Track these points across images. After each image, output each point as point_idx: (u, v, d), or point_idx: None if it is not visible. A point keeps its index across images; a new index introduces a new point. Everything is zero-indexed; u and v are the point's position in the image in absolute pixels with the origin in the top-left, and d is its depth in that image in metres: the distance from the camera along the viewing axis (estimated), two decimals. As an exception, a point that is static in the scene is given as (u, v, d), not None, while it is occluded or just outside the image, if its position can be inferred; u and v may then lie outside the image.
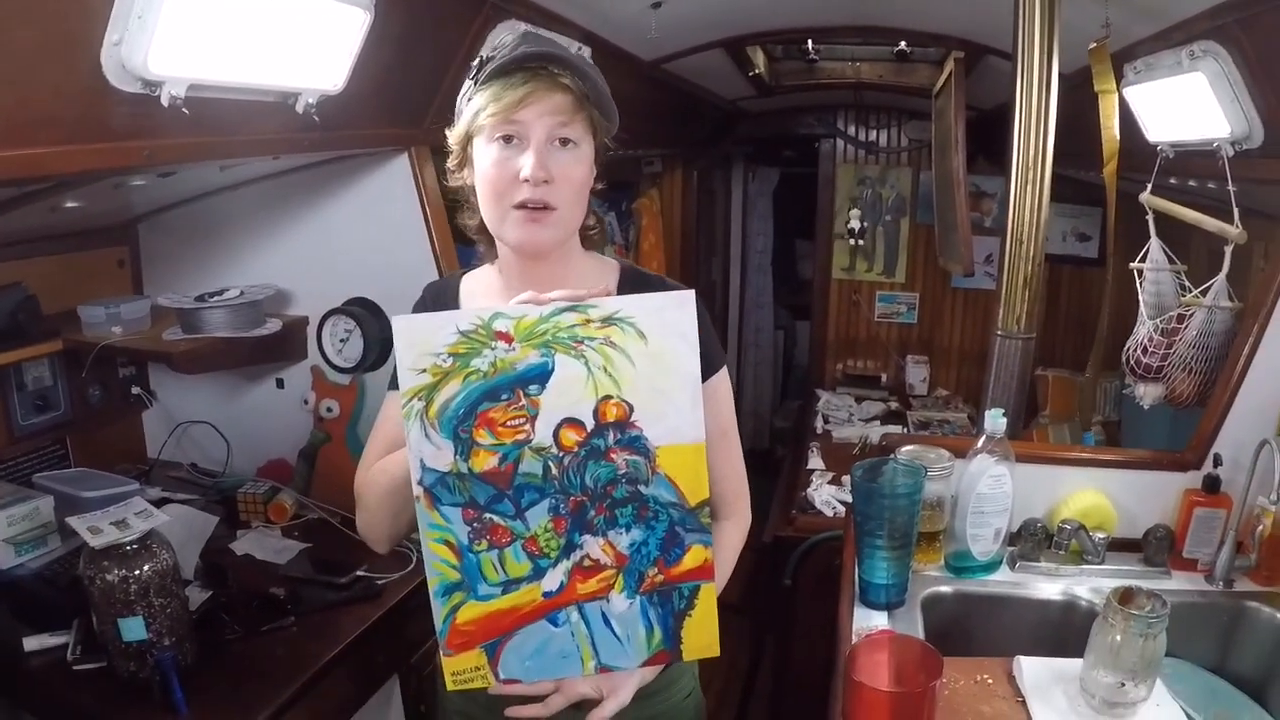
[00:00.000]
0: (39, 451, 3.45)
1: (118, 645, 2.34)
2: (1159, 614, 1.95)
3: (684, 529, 1.73)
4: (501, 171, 1.78)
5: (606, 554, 1.73)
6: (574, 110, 1.78)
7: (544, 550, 1.72)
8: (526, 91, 1.73)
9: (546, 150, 1.77)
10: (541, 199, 1.79)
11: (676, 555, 1.75)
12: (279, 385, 3.66)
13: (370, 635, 2.66)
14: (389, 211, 3.19)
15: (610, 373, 1.67)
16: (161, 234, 3.74)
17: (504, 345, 1.65)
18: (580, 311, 1.66)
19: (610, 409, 1.68)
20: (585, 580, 1.74)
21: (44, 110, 1.82)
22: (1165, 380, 2.97)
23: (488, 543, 1.70)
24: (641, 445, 1.70)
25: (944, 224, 5.42)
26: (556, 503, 1.70)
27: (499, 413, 1.66)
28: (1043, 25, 2.73)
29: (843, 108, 6.80)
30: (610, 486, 1.71)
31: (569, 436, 1.68)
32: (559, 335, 1.65)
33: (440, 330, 1.64)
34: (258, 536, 3.23)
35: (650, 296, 1.70)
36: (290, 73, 2.27)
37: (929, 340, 6.96)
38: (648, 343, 1.66)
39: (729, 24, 4.07)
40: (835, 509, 4.46)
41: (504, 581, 1.72)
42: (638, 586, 1.75)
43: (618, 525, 1.72)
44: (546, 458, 1.69)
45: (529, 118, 1.75)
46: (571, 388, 1.67)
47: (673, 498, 1.72)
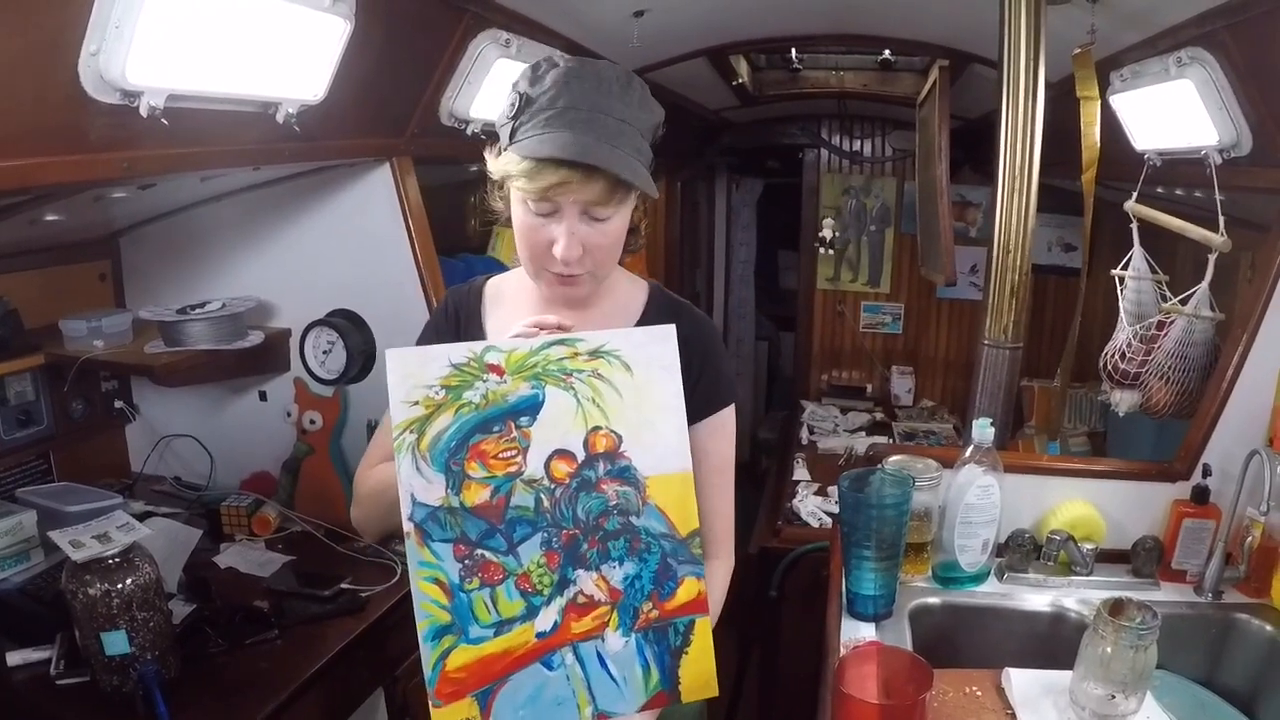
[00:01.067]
0: (21, 466, 3.43)
1: (100, 659, 2.32)
2: (1150, 626, 1.94)
3: (676, 560, 1.74)
4: (535, 238, 1.78)
5: (600, 589, 1.72)
6: (609, 195, 1.72)
7: (537, 587, 1.71)
8: (558, 181, 1.68)
9: (580, 225, 1.75)
10: (572, 271, 1.79)
11: (670, 589, 1.74)
12: (262, 398, 3.65)
13: (354, 648, 2.64)
14: (371, 222, 3.18)
15: (599, 404, 1.70)
16: (143, 247, 3.72)
17: (495, 377, 1.68)
18: (569, 345, 1.71)
19: (600, 440, 1.71)
20: (579, 618, 1.73)
21: (21, 121, 1.81)
22: (1141, 388, 2.96)
23: (479, 580, 1.69)
24: (631, 475, 1.72)
25: (927, 234, 5.42)
26: (549, 536, 1.70)
27: (491, 444, 1.68)
28: (1029, 33, 2.73)
29: (827, 117, 6.79)
30: (602, 518, 1.71)
31: (560, 468, 1.70)
32: (549, 368, 1.69)
33: (433, 363, 1.68)
34: (241, 549, 3.20)
35: (634, 331, 1.78)
36: (270, 82, 2.26)
37: (914, 351, 6.94)
38: (634, 375, 1.71)
39: (712, 33, 4.06)
40: (821, 520, 4.46)
41: (496, 622, 1.70)
42: (633, 623, 1.74)
43: (610, 559, 1.72)
44: (539, 490, 1.70)
45: (562, 201, 1.72)
46: (562, 419, 1.70)
47: (664, 528, 1.73)
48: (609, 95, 1.70)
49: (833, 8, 3.84)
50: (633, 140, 1.73)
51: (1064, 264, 6.15)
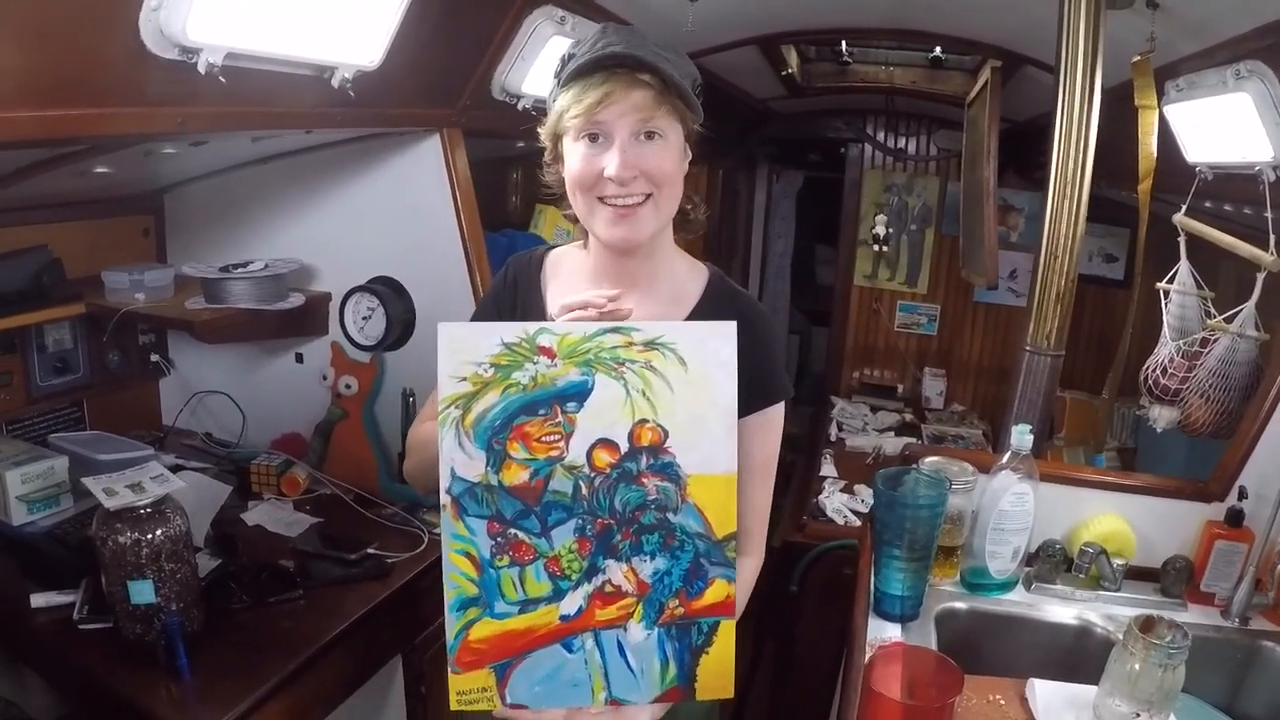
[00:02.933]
0: (55, 413, 3.47)
1: (125, 607, 2.33)
2: (1180, 645, 1.92)
3: (709, 561, 1.73)
4: (588, 168, 1.79)
5: (628, 581, 1.73)
6: (655, 105, 1.76)
7: (566, 571, 1.71)
8: (605, 92, 1.73)
9: (631, 146, 1.78)
10: (630, 193, 1.79)
11: (699, 588, 1.74)
12: (298, 360, 3.66)
13: (377, 613, 2.65)
14: (418, 192, 3.18)
15: (649, 396, 1.68)
16: (187, 205, 3.74)
17: (546, 360, 1.67)
18: (624, 333, 1.68)
19: (645, 433, 1.69)
20: (605, 606, 1.73)
21: (79, 72, 1.82)
22: (1181, 405, 2.93)
23: (509, 559, 1.69)
24: (673, 472, 1.70)
25: (970, 235, 5.38)
26: (583, 524, 1.70)
27: (535, 427, 1.68)
28: (1087, 38, 2.70)
29: (873, 113, 6.76)
30: (639, 511, 1.71)
31: (602, 457, 1.69)
32: (601, 355, 1.68)
33: (484, 340, 1.67)
34: (269, 508, 3.23)
35: (693, 326, 1.75)
36: (328, 46, 2.26)
37: (948, 353, 6.90)
38: (688, 370, 1.69)
39: (766, 20, 4.05)
40: (847, 518, 4.45)
41: (522, 600, 1.71)
42: (657, 617, 1.74)
43: (642, 552, 1.72)
44: (578, 477, 1.69)
45: (610, 117, 1.75)
46: (609, 408, 1.68)
47: (700, 528, 1.72)
48: (645, 39, 1.77)
49: (889, 2, 3.82)
50: (674, 67, 1.77)
51: (1104, 274, 6.08)
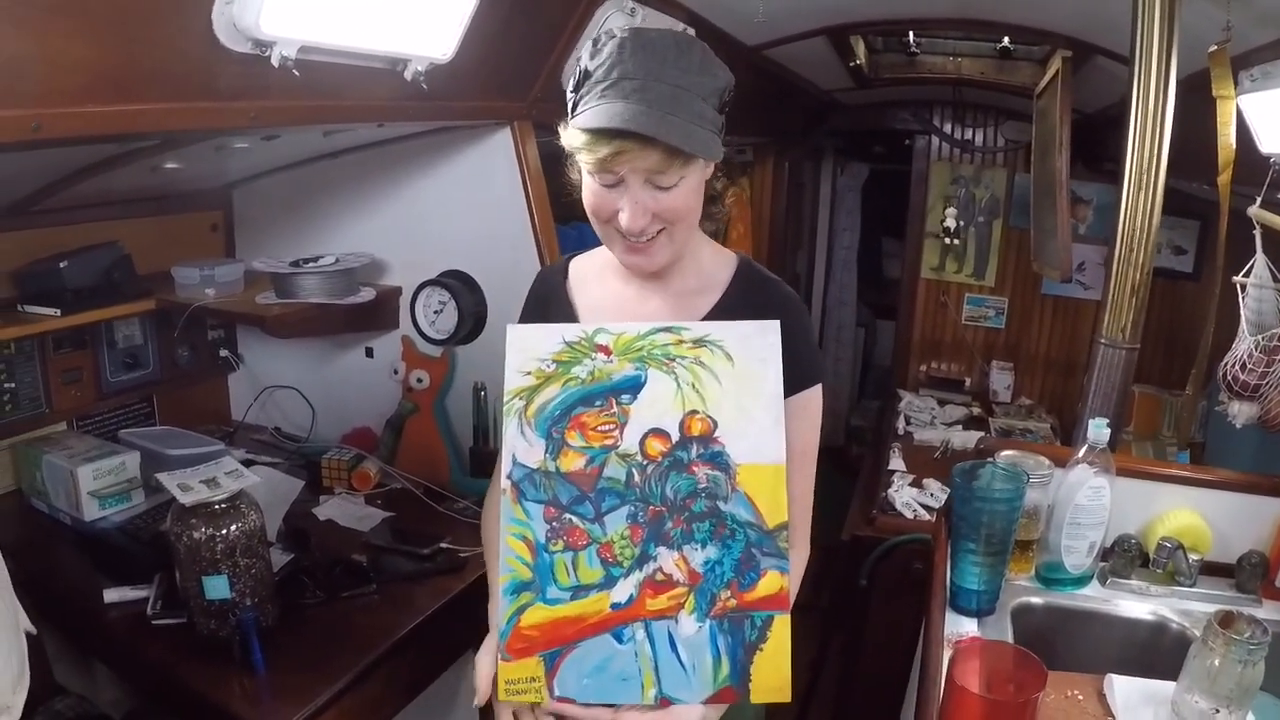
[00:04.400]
0: (125, 408, 3.53)
1: (200, 603, 2.36)
2: (1259, 641, 1.89)
3: (760, 551, 1.76)
4: (602, 204, 1.81)
5: (680, 569, 1.75)
6: (668, 162, 1.72)
7: (618, 558, 1.75)
8: (617, 150, 1.70)
9: (645, 192, 1.77)
10: (644, 234, 1.80)
11: (751, 579, 1.76)
12: (368, 354, 3.69)
13: (450, 608, 2.66)
14: (489, 185, 3.18)
15: (698, 389, 1.77)
16: (255, 200, 3.79)
17: (603, 357, 1.79)
18: (674, 332, 1.81)
19: (695, 423, 1.77)
20: (656, 595, 1.76)
21: (153, 66, 1.84)
22: (1261, 400, 2.89)
23: (564, 544, 1.75)
24: (723, 461, 1.76)
25: (1041, 228, 5.33)
26: (636, 510, 1.76)
27: (591, 417, 1.77)
28: (1162, 27, 2.66)
29: (939, 104, 6.70)
30: (690, 499, 1.75)
31: (654, 446, 1.76)
32: (653, 351, 1.79)
33: (548, 339, 1.81)
34: (340, 503, 3.25)
35: (739, 325, 1.81)
36: (401, 39, 2.26)
37: (1015, 346, 6.83)
38: (734, 364, 1.78)
39: (835, 10, 4.02)
40: (916, 511, 4.42)
41: (574, 586, 1.75)
42: (709, 609, 1.75)
43: (694, 540, 1.76)
44: (631, 464, 1.76)
45: (622, 170, 1.74)
46: (660, 400, 1.78)
47: (750, 517, 1.76)
48: (664, 62, 1.70)
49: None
50: (690, 105, 1.72)
51: (1173, 267, 6.00)
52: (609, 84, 1.70)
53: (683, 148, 1.70)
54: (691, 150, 1.72)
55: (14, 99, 1.62)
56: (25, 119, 1.65)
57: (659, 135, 1.66)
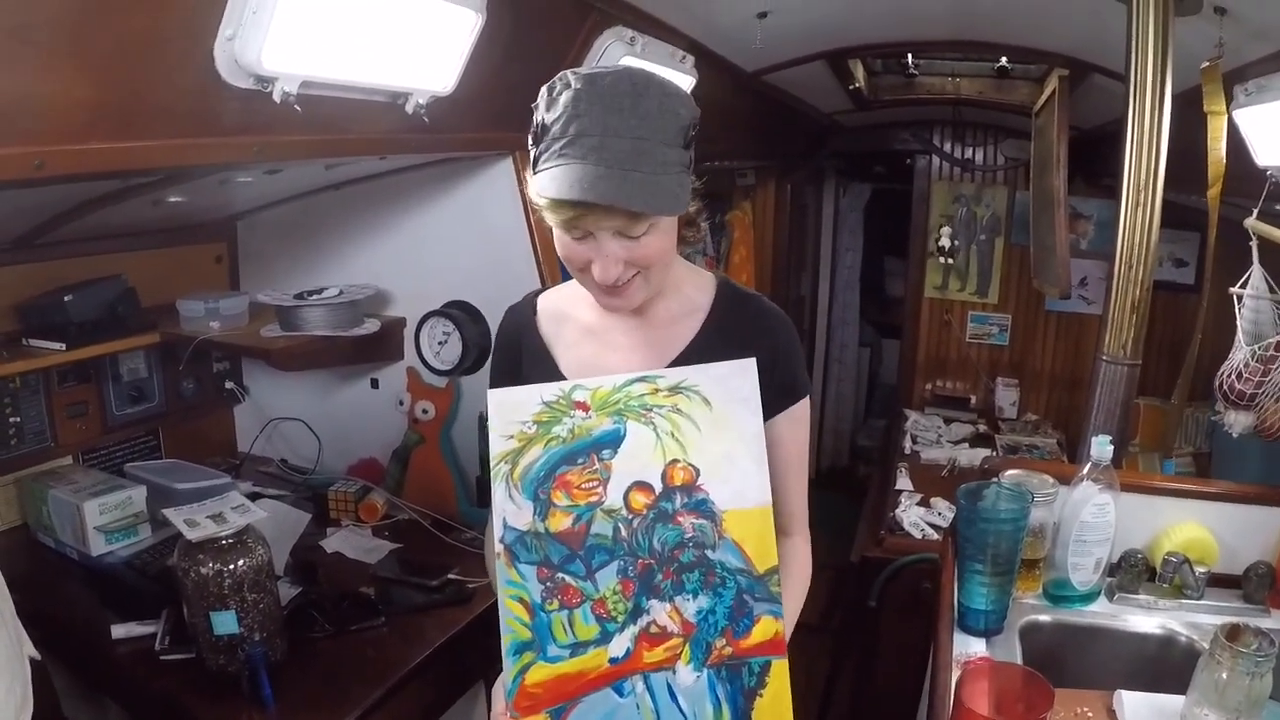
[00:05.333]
0: (131, 441, 3.53)
1: (208, 638, 2.36)
2: (1267, 653, 1.89)
3: (752, 597, 1.76)
4: (574, 255, 1.76)
5: (673, 620, 1.75)
6: (631, 222, 1.68)
7: (612, 614, 1.75)
8: (579, 214, 1.66)
9: (615, 243, 1.72)
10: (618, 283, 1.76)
11: (745, 626, 1.76)
12: (373, 385, 3.70)
13: (460, 639, 2.66)
14: (492, 215, 3.20)
15: (677, 438, 1.77)
16: (259, 232, 3.80)
17: (581, 413, 1.78)
18: (649, 381, 1.80)
19: (677, 472, 1.76)
20: (652, 648, 1.76)
21: (155, 103, 1.84)
22: (1257, 409, 2.90)
23: (559, 602, 1.75)
24: (708, 509, 1.76)
25: (1040, 245, 5.35)
26: (625, 565, 1.75)
27: (575, 475, 1.76)
28: (1157, 45, 2.68)
29: (939, 124, 6.72)
30: (677, 550, 1.75)
31: (638, 499, 1.76)
32: (630, 404, 1.79)
33: (527, 401, 1.81)
34: (348, 535, 3.25)
35: (714, 366, 1.80)
36: (402, 73, 2.28)
37: (1020, 363, 6.84)
38: (712, 409, 1.78)
39: (832, 35, 4.05)
40: (924, 531, 4.41)
41: (572, 644, 1.75)
42: (705, 658, 1.76)
43: (685, 591, 1.76)
44: (617, 519, 1.75)
45: (590, 226, 1.69)
46: (641, 452, 1.77)
47: (740, 563, 1.76)
48: (619, 112, 1.64)
49: (954, 14, 3.81)
50: (653, 155, 1.65)
51: (1174, 279, 6.00)
52: (566, 141, 1.64)
53: (645, 210, 1.65)
54: (655, 211, 1.68)
55: (16, 136, 1.63)
56: (28, 156, 1.66)
57: (619, 202, 1.62)
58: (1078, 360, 6.56)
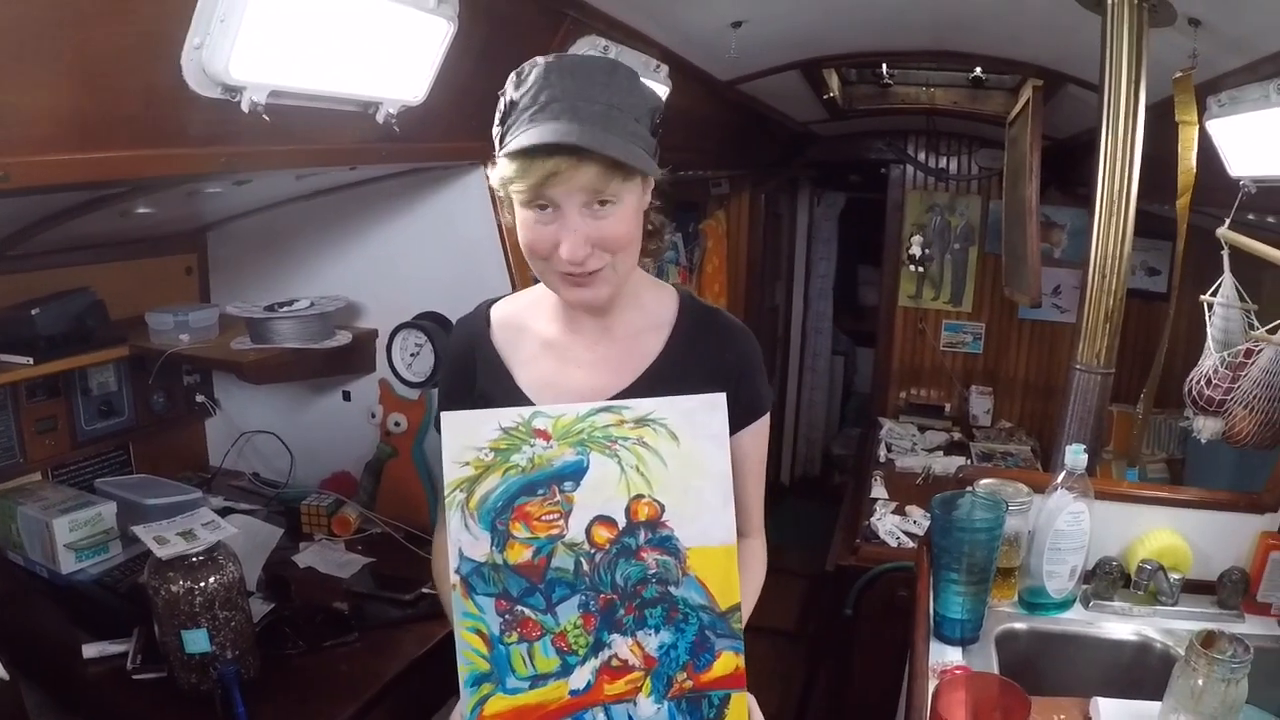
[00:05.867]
0: (101, 456, 3.50)
1: (180, 657, 2.34)
2: (1242, 659, 1.91)
3: (714, 633, 1.75)
4: (539, 239, 1.72)
5: (634, 655, 1.74)
6: (606, 179, 1.66)
7: (573, 647, 1.74)
8: (551, 171, 1.63)
9: (583, 219, 1.69)
10: (585, 269, 1.73)
11: (706, 661, 1.75)
12: (345, 398, 3.69)
13: (434, 654, 2.64)
14: (463, 225, 3.19)
15: (643, 472, 1.73)
16: (229, 242, 3.78)
17: (542, 442, 1.73)
18: (615, 412, 1.76)
19: (642, 508, 1.73)
20: (613, 680, 1.75)
21: (121, 113, 1.82)
22: (1226, 416, 2.93)
23: (518, 635, 1.73)
24: (672, 545, 1.74)
25: (1012, 254, 5.38)
26: (587, 599, 1.73)
27: (535, 507, 1.72)
28: (1131, 57, 2.69)
29: (914, 133, 6.74)
30: (640, 586, 1.74)
31: (601, 534, 1.73)
32: (594, 435, 1.74)
33: (483, 426, 1.75)
34: (320, 549, 3.23)
35: (683, 400, 1.76)
36: (373, 82, 2.26)
37: (994, 371, 6.85)
38: (680, 444, 1.74)
39: (807, 45, 4.05)
40: (899, 539, 4.42)
41: (532, 676, 1.73)
42: (666, 691, 1.75)
43: (646, 626, 1.74)
44: (578, 553, 1.73)
45: (558, 194, 1.67)
46: (605, 486, 1.73)
47: (703, 600, 1.75)
48: (592, 84, 1.66)
49: (929, 25, 3.82)
50: (623, 124, 1.68)
51: (1147, 288, 6.01)
52: (537, 109, 1.66)
53: (622, 159, 1.64)
54: (630, 162, 1.67)
55: (-20, 148, 1.60)
56: (-8, 168, 1.63)
57: (595, 147, 1.61)
58: (1051, 368, 6.59)
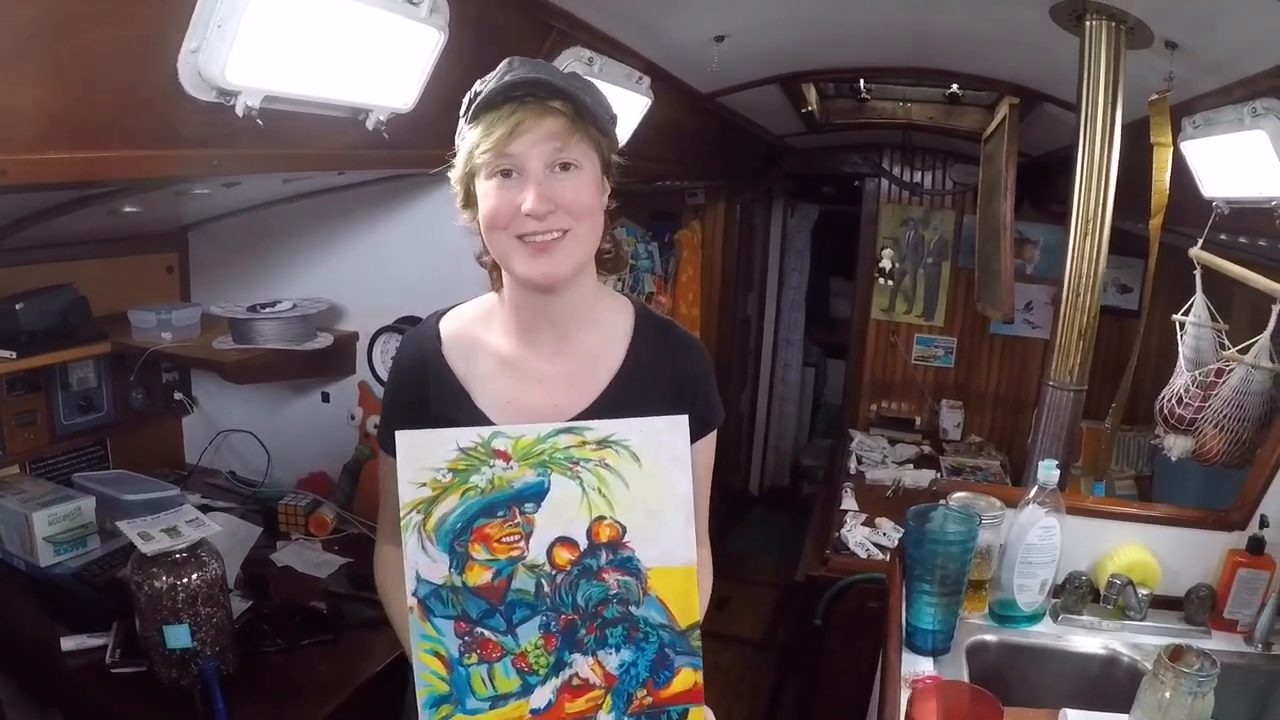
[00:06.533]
0: (79, 451, 3.50)
1: (160, 652, 2.35)
2: (1209, 673, 1.94)
3: (674, 651, 1.76)
4: (502, 204, 1.75)
5: (595, 673, 1.75)
6: (568, 133, 1.74)
7: (533, 667, 1.74)
8: (516, 122, 1.70)
9: (546, 179, 1.74)
10: (547, 229, 1.76)
11: (665, 678, 1.77)
12: (324, 399, 3.70)
13: (411, 656, 2.63)
14: (446, 232, 3.15)
15: (604, 494, 1.72)
16: (212, 242, 3.78)
17: (502, 463, 1.71)
18: (576, 433, 1.73)
19: (603, 530, 1.73)
20: (574, 699, 1.75)
21: (116, 114, 1.83)
22: (1196, 434, 2.96)
23: (478, 657, 1.72)
24: (633, 566, 1.74)
25: (985, 269, 5.40)
26: (548, 620, 1.73)
27: (495, 529, 1.71)
28: (1108, 77, 2.72)
29: (889, 147, 6.77)
30: (601, 606, 1.74)
31: (562, 555, 1.73)
32: (555, 456, 1.72)
33: (441, 446, 1.71)
34: (298, 549, 3.25)
35: (645, 422, 1.76)
36: (363, 89, 2.27)
37: (965, 385, 6.88)
38: (642, 465, 1.73)
39: (788, 60, 4.08)
40: (869, 551, 4.44)
41: (492, 696, 1.73)
42: (625, 708, 1.76)
43: (608, 645, 1.75)
44: (539, 575, 1.72)
45: (522, 148, 1.72)
46: (566, 507, 1.72)
47: (663, 619, 1.76)
48: (555, 74, 1.77)
49: (907, 41, 3.84)
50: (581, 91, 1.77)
51: (1119, 305, 6.04)
52: (500, 88, 1.73)
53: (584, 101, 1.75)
54: (590, 109, 1.76)
55: (-26, 145, 1.61)
56: (-14, 165, 1.64)
57: (558, 82, 1.73)
58: (1022, 383, 6.63)
